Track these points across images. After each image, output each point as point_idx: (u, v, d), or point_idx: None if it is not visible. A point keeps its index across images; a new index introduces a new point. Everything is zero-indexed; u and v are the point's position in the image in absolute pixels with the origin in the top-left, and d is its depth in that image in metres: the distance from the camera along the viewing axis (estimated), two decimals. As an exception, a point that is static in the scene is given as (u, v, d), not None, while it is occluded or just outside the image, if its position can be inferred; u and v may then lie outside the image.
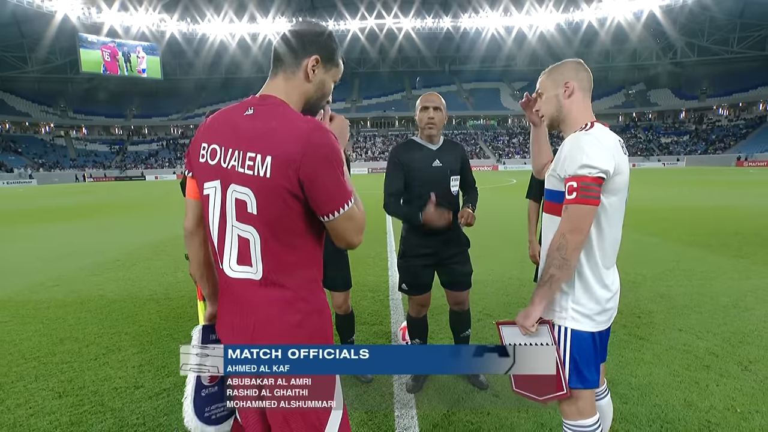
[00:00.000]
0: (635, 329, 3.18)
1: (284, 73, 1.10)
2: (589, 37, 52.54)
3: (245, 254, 1.05)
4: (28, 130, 50.98)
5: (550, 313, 1.38)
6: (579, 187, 1.22)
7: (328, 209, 1.01)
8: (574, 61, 1.43)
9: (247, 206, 1.01)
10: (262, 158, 0.98)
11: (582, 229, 1.23)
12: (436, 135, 2.24)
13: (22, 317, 3.87)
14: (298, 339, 1.07)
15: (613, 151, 1.27)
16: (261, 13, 48.82)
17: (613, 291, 1.38)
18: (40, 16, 42.57)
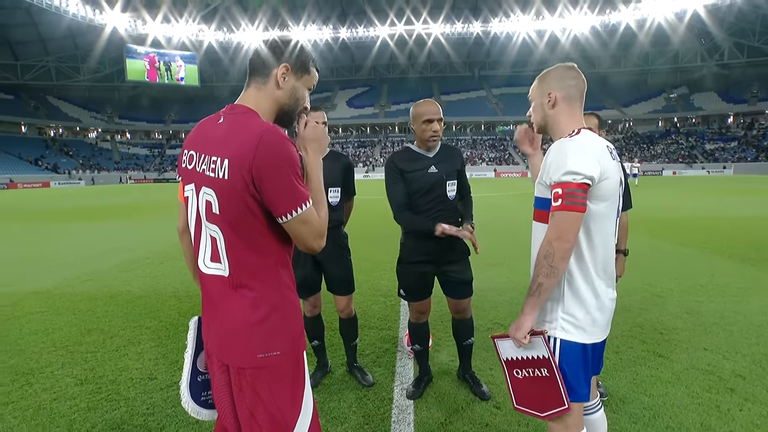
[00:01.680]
0: (655, 346, 3.01)
1: (256, 83, 1.17)
2: (627, 39, 50.45)
3: (215, 252, 1.12)
4: (78, 135, 54.72)
5: (540, 323, 1.35)
6: (564, 193, 1.21)
7: (280, 210, 1.05)
8: (563, 67, 1.41)
9: (212, 207, 1.09)
10: (221, 161, 1.06)
11: (569, 237, 1.21)
12: (435, 144, 2.24)
13: (57, 308, 4.15)
14: (256, 338, 1.10)
15: (598, 156, 1.25)
16: (293, 21, 50.25)
17: (606, 301, 1.34)
18: (92, 29, 45.76)
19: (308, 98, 1.26)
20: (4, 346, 3.26)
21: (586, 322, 1.30)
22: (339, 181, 2.50)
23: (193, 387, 1.30)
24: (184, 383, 1.29)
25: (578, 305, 1.30)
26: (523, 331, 1.28)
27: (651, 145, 49.94)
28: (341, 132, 57.95)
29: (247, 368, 1.11)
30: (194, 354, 1.30)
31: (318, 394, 2.47)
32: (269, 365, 1.11)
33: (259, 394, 1.11)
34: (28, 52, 49.21)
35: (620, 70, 56.78)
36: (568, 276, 1.31)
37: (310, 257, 2.48)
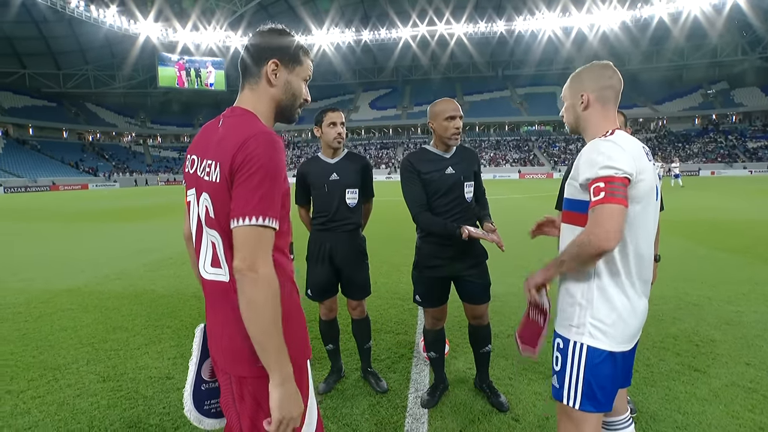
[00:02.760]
0: (691, 359, 2.81)
1: (249, 84, 1.14)
2: (660, 33, 48.30)
3: (216, 257, 1.09)
4: (114, 139, 57.44)
5: (566, 328, 1.30)
6: (606, 186, 1.15)
7: (236, 212, 0.97)
8: (599, 66, 1.36)
9: (209, 211, 1.07)
10: (215, 165, 1.05)
11: (611, 231, 1.13)
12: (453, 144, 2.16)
13: (85, 306, 4.32)
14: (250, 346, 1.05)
15: (634, 155, 1.21)
16: (316, 25, 50.96)
17: (638, 309, 1.28)
18: (127, 38, 47.98)
19: (307, 90, 1.22)
20: (37, 341, 3.41)
21: (616, 328, 1.24)
22: (357, 182, 2.47)
23: (197, 395, 1.27)
24: (187, 391, 1.26)
25: (608, 311, 1.24)
26: (530, 284, 1.34)
27: (687, 144, 47.58)
28: (364, 133, 58.25)
29: (247, 377, 1.08)
30: (199, 362, 1.27)
31: (331, 400, 2.43)
32: None
33: (260, 404, 1.08)
34: (69, 62, 52.15)
35: (652, 66, 54.44)
36: (597, 280, 1.26)
37: (328, 260, 2.46)
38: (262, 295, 0.94)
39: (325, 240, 2.47)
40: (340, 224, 2.45)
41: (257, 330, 0.96)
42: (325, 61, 55.16)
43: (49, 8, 39.71)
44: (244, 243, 0.96)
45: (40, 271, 5.94)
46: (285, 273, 1.12)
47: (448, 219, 2.10)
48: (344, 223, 2.45)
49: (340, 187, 2.43)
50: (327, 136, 2.43)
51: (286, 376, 0.97)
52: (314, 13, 50.35)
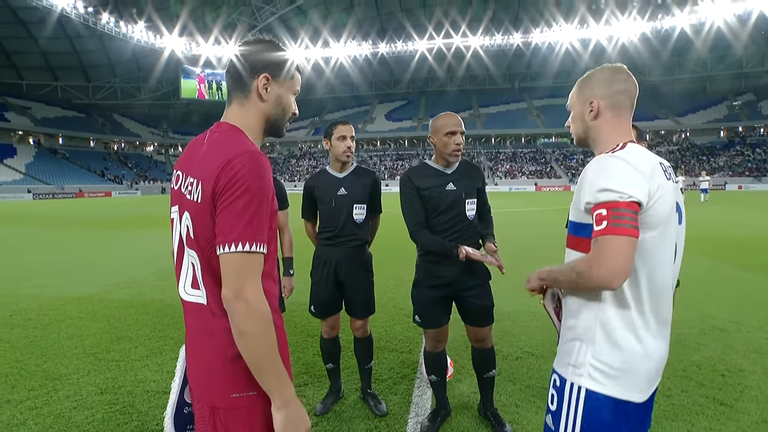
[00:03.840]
0: (716, 391, 2.60)
1: (237, 99, 1.09)
2: (682, 45, 47.33)
3: (195, 279, 1.04)
4: (137, 149, 59.41)
5: (563, 366, 1.14)
6: (610, 214, 0.99)
7: (220, 239, 0.93)
8: (610, 69, 1.20)
9: (190, 231, 1.02)
10: (196, 184, 1.00)
11: (615, 266, 0.97)
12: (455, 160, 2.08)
13: (93, 314, 4.35)
14: (232, 375, 1.00)
15: (647, 175, 1.04)
16: (333, 38, 51.98)
17: (653, 352, 1.08)
18: (153, 52, 49.90)
19: (295, 105, 1.17)
20: (42, 349, 3.43)
21: (624, 373, 1.06)
22: (365, 197, 2.42)
23: (178, 418, 1.22)
24: (168, 415, 1.20)
25: (614, 351, 1.06)
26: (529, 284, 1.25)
27: (711, 157, 46.10)
28: (379, 145, 58.58)
29: (220, 408, 1.02)
30: (182, 384, 1.22)
31: (327, 422, 2.33)
32: (244, 406, 1.01)
33: None
34: (98, 75, 54.55)
35: (674, 78, 53.34)
36: (600, 312, 1.08)
37: (332, 277, 2.40)
38: (252, 325, 0.91)
39: (330, 255, 2.41)
40: (347, 240, 2.39)
41: (253, 359, 0.93)
42: (342, 74, 56.07)
43: (82, 24, 41.71)
44: (231, 271, 0.92)
45: (54, 277, 6.06)
46: (269, 300, 1.05)
47: (447, 237, 2.01)
48: (351, 239, 2.39)
49: (348, 202, 2.38)
50: (336, 149, 2.38)
51: (287, 398, 0.96)
52: (332, 27, 51.41)
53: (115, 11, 43.83)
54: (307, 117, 59.51)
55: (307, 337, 3.59)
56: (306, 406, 2.51)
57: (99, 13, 41.92)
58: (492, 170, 50.63)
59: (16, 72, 51.43)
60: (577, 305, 1.13)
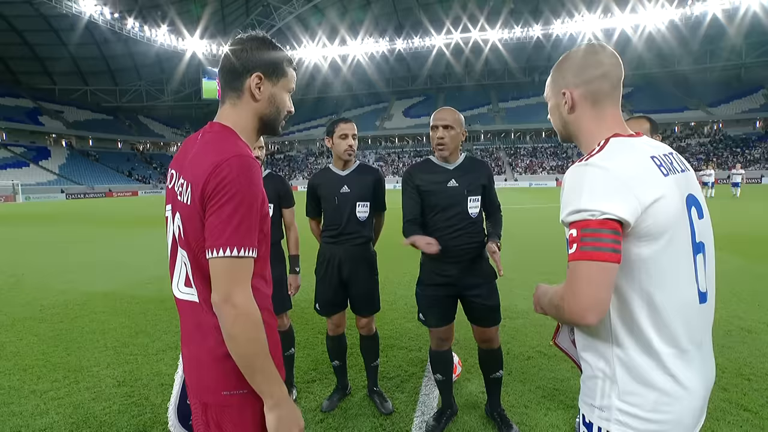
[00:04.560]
0: (740, 396, 2.47)
1: (230, 99, 1.08)
2: (714, 32, 45.07)
3: (188, 277, 1.05)
4: (161, 149, 61.36)
5: (588, 407, 0.96)
6: (580, 236, 0.84)
7: (209, 243, 0.93)
8: (583, 51, 1.01)
9: (181, 231, 1.03)
10: (186, 185, 1.00)
11: (585, 299, 0.82)
12: (450, 155, 2.04)
13: (116, 310, 4.52)
14: (223, 373, 1.01)
15: (632, 181, 0.86)
16: (351, 35, 52.07)
17: (692, 385, 0.90)
18: (176, 54, 51.33)
19: (291, 102, 1.16)
20: (67, 342, 3.59)
21: (662, 414, 0.88)
22: (369, 195, 2.41)
23: (182, 410, 1.24)
24: (171, 405, 1.24)
25: (644, 390, 0.89)
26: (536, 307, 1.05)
27: (746, 149, 43.84)
28: (397, 141, 58.46)
29: (210, 404, 1.03)
30: (182, 389, 1.23)
31: (333, 419, 2.35)
32: (235, 404, 1.02)
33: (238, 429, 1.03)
34: (124, 78, 56.60)
35: (706, 66, 50.89)
36: (618, 349, 0.91)
37: (336, 275, 2.40)
38: (241, 329, 0.92)
39: (334, 253, 2.42)
40: (350, 237, 2.39)
41: (243, 362, 0.95)
42: (359, 71, 56.13)
43: (109, 30, 43.28)
44: (220, 276, 0.93)
45: (83, 274, 6.33)
46: (261, 300, 1.06)
47: (450, 234, 1.99)
48: (354, 237, 2.39)
49: (351, 200, 2.37)
50: (338, 147, 2.38)
51: (278, 399, 0.97)
52: (349, 24, 51.49)
53: (139, 16, 45.26)
54: (325, 115, 59.90)
55: (317, 334, 3.62)
56: (313, 402, 2.53)
57: (125, 18, 43.41)
58: (512, 166, 49.75)
59: (50, 77, 53.93)
60: (588, 337, 0.97)
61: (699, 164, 37.00)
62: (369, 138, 58.01)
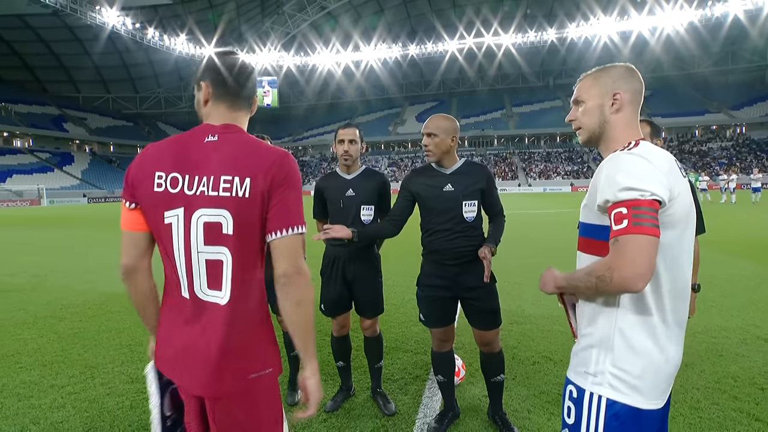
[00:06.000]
0: (752, 406, 2.41)
1: (245, 112, 1.20)
2: (736, 33, 43.94)
3: (215, 278, 1.07)
4: (179, 154, 63.00)
5: (581, 375, 1.08)
6: (631, 213, 0.94)
7: (278, 225, 1.05)
8: (626, 67, 1.17)
9: (222, 227, 1.05)
10: (241, 180, 1.05)
11: (638, 267, 0.92)
12: (443, 160, 2.08)
13: (130, 310, 4.65)
14: (251, 358, 1.09)
15: (666, 173, 1.01)
16: (364, 41, 52.58)
17: (673, 359, 1.06)
18: (194, 62, 52.55)
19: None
20: (84, 340, 3.72)
21: (645, 381, 1.02)
22: (374, 199, 2.45)
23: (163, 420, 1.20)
24: (156, 419, 1.19)
25: (635, 358, 1.02)
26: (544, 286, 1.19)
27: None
28: (410, 147, 58.57)
29: (223, 397, 1.08)
30: (160, 401, 1.20)
31: (336, 419, 2.38)
32: (261, 385, 1.11)
33: (238, 422, 1.09)
34: (145, 86, 58.34)
35: (727, 69, 49.59)
36: (620, 319, 1.04)
37: (341, 276, 2.45)
38: (309, 293, 1.07)
39: (338, 255, 2.47)
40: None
41: (306, 325, 1.08)
42: (372, 77, 56.56)
43: (130, 39, 44.79)
44: (291, 251, 1.06)
45: (102, 274, 6.54)
46: None
47: (446, 238, 2.02)
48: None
49: (356, 204, 2.42)
50: (337, 152, 2.45)
51: (317, 364, 1.10)
52: (363, 31, 52.04)
53: (159, 26, 46.71)
54: (338, 120, 60.45)
55: (323, 336, 3.67)
56: (318, 402, 2.57)
57: (145, 28, 44.85)
58: (525, 171, 49.22)
59: (74, 86, 55.99)
60: (593, 311, 1.09)
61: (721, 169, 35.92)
62: (382, 143, 58.30)
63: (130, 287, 1.17)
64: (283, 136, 63.04)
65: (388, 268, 2.57)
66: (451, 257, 2.03)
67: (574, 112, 1.22)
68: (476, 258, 1.99)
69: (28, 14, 41.70)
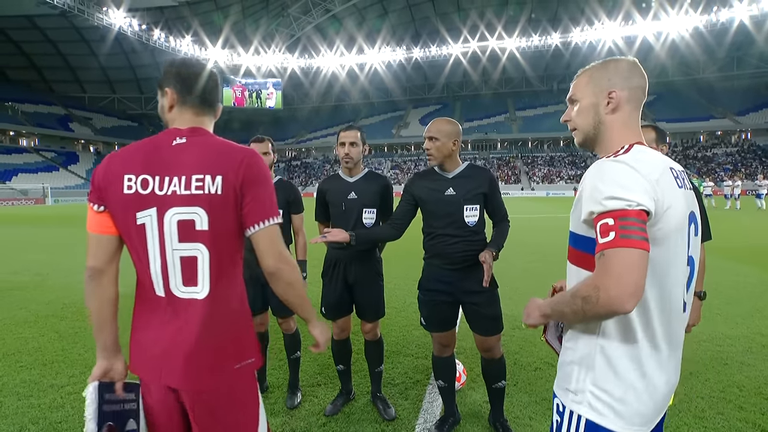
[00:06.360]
0: (758, 416, 2.37)
1: (210, 116, 1.24)
2: (741, 39, 43.73)
3: (191, 274, 1.10)
4: (183, 155, 63.28)
5: (563, 391, 1.04)
6: (618, 224, 0.87)
7: (256, 219, 1.11)
8: (627, 62, 1.07)
9: (196, 224, 1.09)
10: (212, 178, 1.09)
11: (626, 285, 0.84)
12: (445, 164, 2.07)
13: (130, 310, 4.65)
14: (232, 349, 1.13)
15: (654, 182, 0.92)
16: (368, 44, 52.73)
17: (659, 386, 0.98)
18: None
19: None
20: (84, 340, 3.72)
21: (627, 405, 0.95)
22: (376, 202, 2.44)
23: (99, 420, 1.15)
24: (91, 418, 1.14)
25: (616, 381, 0.96)
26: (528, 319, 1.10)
27: (776, 160, 42.17)
28: (413, 149, 58.60)
29: (204, 391, 1.11)
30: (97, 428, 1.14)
31: (336, 423, 2.36)
32: (244, 374, 1.16)
33: (216, 417, 1.12)
34: (149, 86, 58.67)
35: (733, 74, 49.38)
36: (602, 343, 0.97)
37: (342, 279, 2.44)
38: (296, 275, 1.16)
39: (340, 258, 2.45)
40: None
41: (300, 300, 1.19)
42: (376, 79, 56.68)
43: (136, 40, 45.12)
44: (273, 240, 1.13)
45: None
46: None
47: (448, 242, 2.01)
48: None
49: (358, 207, 2.41)
50: (339, 154, 2.44)
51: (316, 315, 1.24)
52: (367, 33, 52.20)
53: (165, 27, 47.05)
54: (342, 122, 60.47)
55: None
56: (317, 405, 2.55)
57: (151, 29, 45.19)
58: (529, 175, 49.13)
59: (80, 86, 56.42)
60: (578, 327, 1.04)
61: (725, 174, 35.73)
62: (385, 146, 58.34)
63: (94, 291, 1.16)
64: (287, 137, 63.26)
65: (389, 271, 2.56)
66: (452, 262, 2.02)
67: (568, 112, 1.15)
68: (478, 263, 1.97)
69: (37, 15, 42.08)
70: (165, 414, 1.16)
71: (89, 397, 1.14)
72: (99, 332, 1.19)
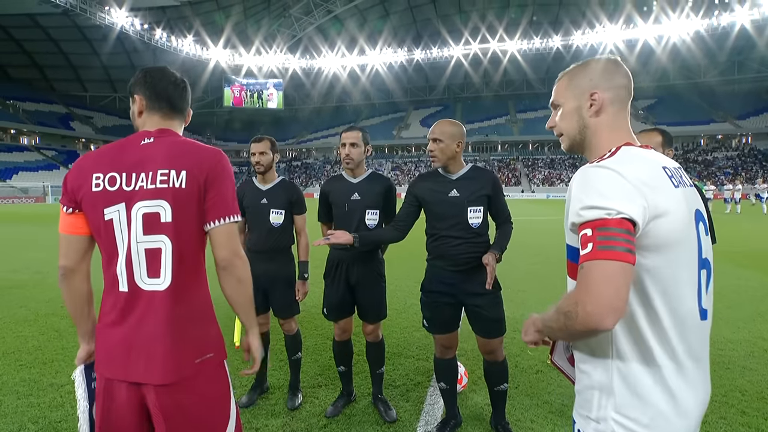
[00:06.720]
0: (760, 420, 2.36)
1: (180, 121, 1.30)
2: (743, 43, 43.77)
3: (155, 266, 1.13)
4: (184, 154, 63.34)
5: (583, 419, 0.96)
6: (596, 235, 0.81)
7: (215, 215, 1.15)
8: (609, 60, 1.02)
9: (161, 217, 1.12)
10: (177, 173, 1.13)
11: (604, 299, 0.79)
12: (448, 166, 2.06)
13: (132, 309, 4.65)
14: (193, 344, 1.14)
15: (643, 187, 0.85)
16: (370, 46, 52.80)
17: (687, 404, 0.89)
18: (200, 63, 53.10)
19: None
20: (85, 339, 3.71)
21: (656, 429, 0.87)
22: (379, 203, 2.43)
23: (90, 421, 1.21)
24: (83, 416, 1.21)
25: (641, 406, 0.88)
26: (526, 335, 1.04)
27: (777, 164, 42.17)
28: (414, 151, 58.62)
29: (169, 385, 1.11)
30: (89, 406, 1.21)
31: (336, 424, 2.35)
32: (207, 368, 1.17)
33: (183, 411, 1.12)
34: (151, 86, 58.74)
35: (734, 78, 49.43)
36: (618, 360, 0.90)
37: (344, 280, 2.43)
38: (247, 273, 1.20)
39: (342, 259, 2.45)
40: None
41: (247, 300, 1.22)
42: (377, 81, 56.73)
43: (138, 40, 45.17)
44: (229, 237, 1.17)
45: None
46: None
47: (451, 244, 2.00)
48: None
49: (361, 208, 2.40)
50: (341, 156, 2.44)
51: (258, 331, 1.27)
52: (368, 34, 52.27)
53: (167, 27, 47.11)
54: (343, 123, 60.55)
55: (326, 340, 3.64)
56: (318, 407, 2.54)
57: (153, 29, 45.24)
58: (529, 177, 49.14)
59: (81, 85, 56.46)
60: (587, 347, 0.95)
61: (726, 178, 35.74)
62: (386, 147, 58.33)
63: (68, 289, 1.22)
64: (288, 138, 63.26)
65: (391, 272, 2.55)
66: (455, 264, 2.01)
67: (552, 118, 1.10)
68: (481, 265, 1.97)
69: (39, 13, 42.12)
70: (128, 412, 1.14)
71: (78, 379, 1.22)
72: (78, 323, 1.26)
